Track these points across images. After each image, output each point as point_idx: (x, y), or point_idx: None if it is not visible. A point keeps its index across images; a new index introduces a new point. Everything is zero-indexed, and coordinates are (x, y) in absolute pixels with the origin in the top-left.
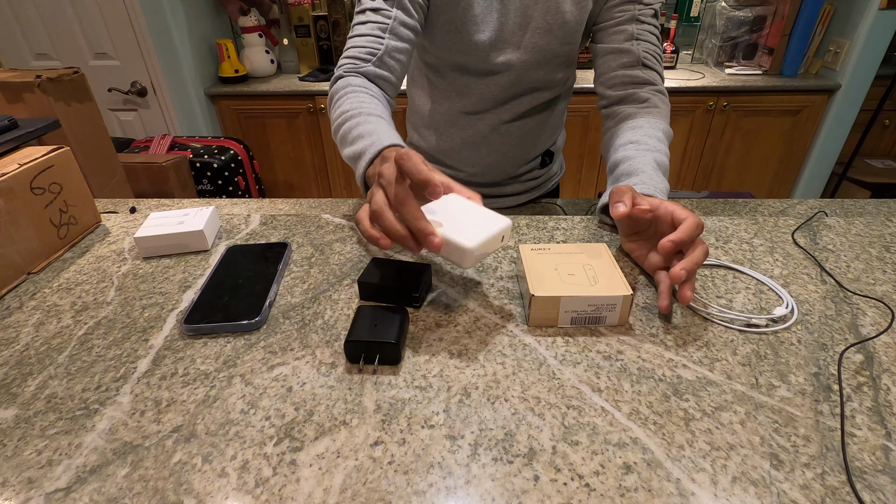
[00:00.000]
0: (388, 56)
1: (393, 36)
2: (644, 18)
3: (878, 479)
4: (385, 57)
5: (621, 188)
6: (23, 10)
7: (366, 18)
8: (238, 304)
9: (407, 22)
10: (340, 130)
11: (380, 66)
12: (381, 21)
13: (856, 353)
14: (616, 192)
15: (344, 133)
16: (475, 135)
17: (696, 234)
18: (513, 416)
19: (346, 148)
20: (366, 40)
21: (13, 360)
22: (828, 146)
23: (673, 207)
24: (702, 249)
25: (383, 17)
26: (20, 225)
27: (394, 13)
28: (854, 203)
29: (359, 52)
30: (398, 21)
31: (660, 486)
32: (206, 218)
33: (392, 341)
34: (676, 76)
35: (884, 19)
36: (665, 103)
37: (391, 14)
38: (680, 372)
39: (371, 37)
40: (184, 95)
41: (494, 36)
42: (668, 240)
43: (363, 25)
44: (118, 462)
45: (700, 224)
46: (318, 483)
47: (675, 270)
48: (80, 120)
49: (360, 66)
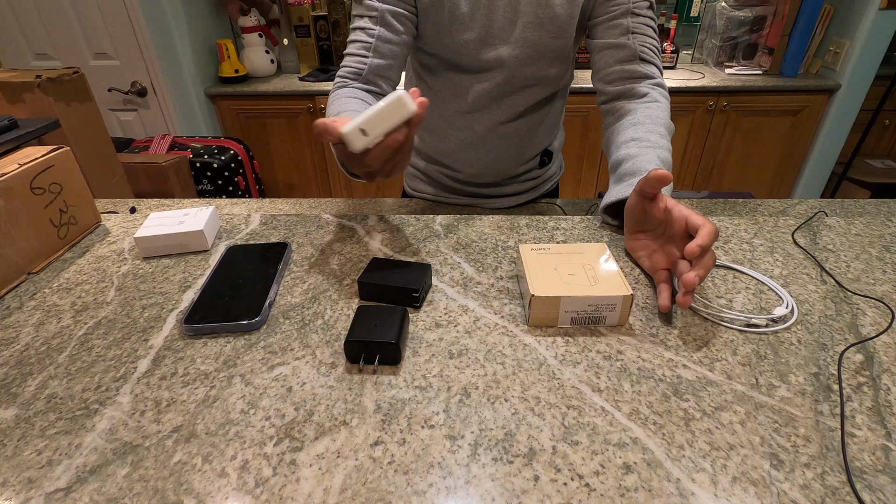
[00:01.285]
0: (372, 74)
1: (376, 54)
2: (639, 11)
3: (878, 479)
4: (369, 75)
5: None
6: (23, 10)
7: (354, 37)
8: (238, 304)
9: (390, 39)
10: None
11: (367, 84)
12: (364, 40)
13: (856, 353)
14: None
15: None
16: (472, 135)
17: (715, 240)
18: (513, 416)
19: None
20: (352, 60)
21: (13, 360)
22: (828, 146)
23: (688, 212)
24: (711, 256)
25: (367, 35)
26: (20, 225)
27: (377, 31)
28: (854, 203)
29: (346, 71)
30: (381, 39)
31: (660, 486)
32: (206, 218)
33: (392, 341)
34: (676, 76)
35: (884, 19)
36: (665, 97)
37: (374, 33)
38: (680, 372)
39: (356, 56)
40: (184, 95)
41: (483, 32)
42: (696, 244)
43: (352, 44)
44: (118, 462)
45: (717, 230)
46: (318, 483)
47: (690, 276)
48: (80, 120)
49: (348, 85)
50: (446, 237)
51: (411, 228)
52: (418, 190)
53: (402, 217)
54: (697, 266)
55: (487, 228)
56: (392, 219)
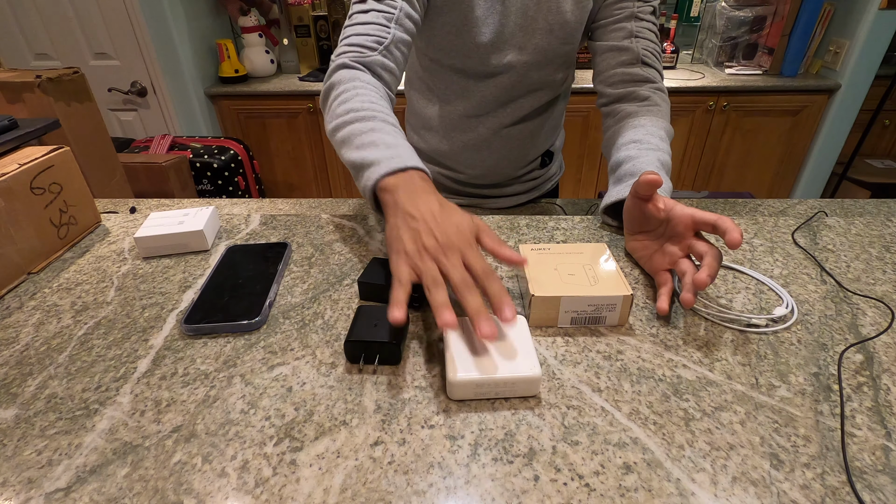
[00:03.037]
0: (395, 46)
1: (399, 27)
2: (643, 16)
3: (878, 479)
4: (392, 47)
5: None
6: (23, 10)
7: (368, 7)
8: (238, 304)
9: (412, 14)
10: (347, 128)
11: (386, 56)
12: (387, 10)
13: (856, 353)
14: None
15: (352, 133)
16: (476, 138)
17: None
18: (513, 416)
19: (353, 151)
20: (372, 28)
21: (13, 360)
22: (828, 146)
23: (691, 210)
24: (718, 255)
25: (389, 6)
26: (20, 225)
27: (399, 3)
28: (854, 203)
29: (364, 39)
30: (404, 12)
31: (660, 486)
32: (206, 218)
33: (392, 341)
34: (676, 76)
35: (884, 19)
36: (665, 101)
37: (397, 4)
38: (680, 372)
39: (377, 25)
40: (184, 95)
41: (495, 37)
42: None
43: (366, 14)
44: (118, 462)
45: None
46: (318, 483)
47: (702, 277)
48: (80, 120)
49: (365, 55)
50: None
51: None
52: None
53: None
54: (708, 266)
55: None
56: None
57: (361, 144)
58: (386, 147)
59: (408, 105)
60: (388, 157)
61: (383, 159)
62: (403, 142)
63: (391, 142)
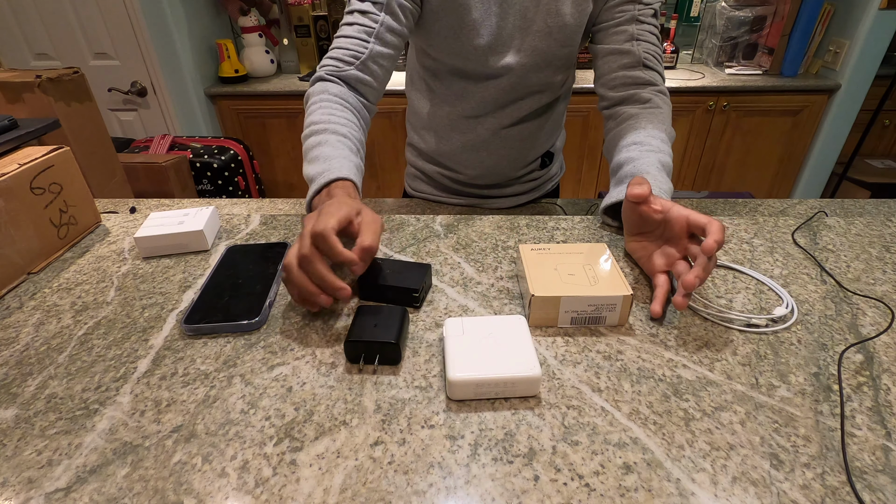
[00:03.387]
0: (372, 61)
1: (378, 41)
2: (644, 18)
3: (878, 479)
4: (368, 62)
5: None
6: (23, 10)
7: (353, 20)
8: (238, 304)
9: (394, 28)
10: (305, 143)
11: (362, 71)
12: (367, 25)
13: (856, 353)
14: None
15: (307, 147)
16: (475, 139)
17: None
18: (513, 416)
19: (305, 165)
20: (350, 42)
21: (13, 360)
22: (828, 146)
23: (687, 212)
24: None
25: (370, 20)
26: (20, 225)
27: (381, 17)
28: (854, 203)
29: (342, 53)
30: (385, 27)
31: (660, 486)
32: (206, 218)
33: (392, 341)
34: (676, 76)
35: (884, 19)
36: (666, 104)
37: (379, 19)
38: (680, 372)
39: (356, 39)
40: (184, 95)
41: (493, 40)
42: (713, 241)
43: (349, 27)
44: (118, 462)
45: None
46: (318, 483)
47: (689, 278)
48: (80, 120)
49: (342, 69)
50: (446, 237)
51: (411, 228)
52: (419, 190)
53: (403, 217)
54: (700, 268)
55: (487, 228)
56: (392, 219)
57: (310, 159)
58: (324, 160)
59: (408, 105)
60: (322, 171)
61: (317, 175)
62: (341, 150)
63: (329, 154)
